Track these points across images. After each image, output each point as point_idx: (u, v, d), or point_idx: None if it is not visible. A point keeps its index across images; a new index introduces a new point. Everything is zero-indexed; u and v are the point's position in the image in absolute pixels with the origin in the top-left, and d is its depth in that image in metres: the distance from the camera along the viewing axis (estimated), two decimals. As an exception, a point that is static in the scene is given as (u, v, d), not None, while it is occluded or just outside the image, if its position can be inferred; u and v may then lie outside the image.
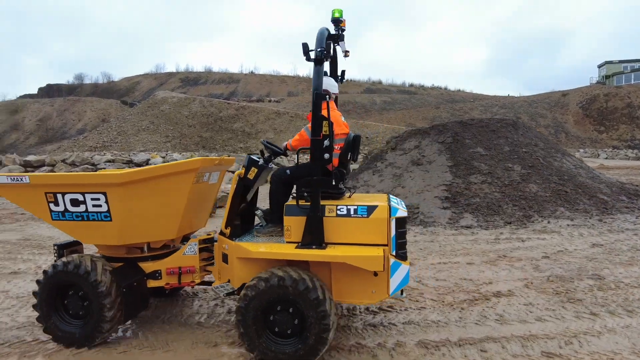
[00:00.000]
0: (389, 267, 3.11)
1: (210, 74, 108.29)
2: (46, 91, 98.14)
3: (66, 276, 3.44)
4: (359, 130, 54.00)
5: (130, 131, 52.78)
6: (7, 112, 75.27)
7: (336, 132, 3.50)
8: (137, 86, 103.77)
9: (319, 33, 3.28)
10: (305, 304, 3.00)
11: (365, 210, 3.18)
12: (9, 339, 3.65)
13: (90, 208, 3.51)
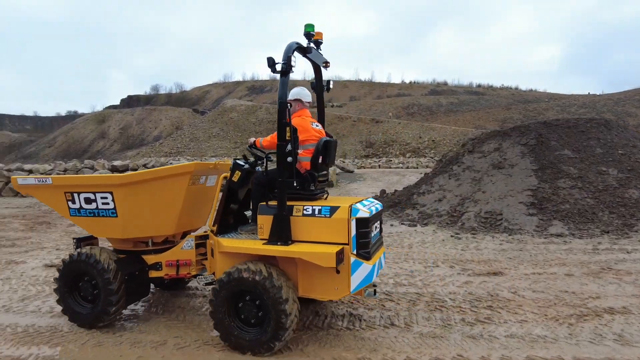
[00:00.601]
0: (349, 265, 3.25)
1: (275, 82, 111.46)
2: (127, 102, 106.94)
3: (80, 265, 3.93)
4: (424, 132, 52.65)
5: (202, 138, 55.71)
6: (95, 122, 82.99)
7: (305, 137, 3.70)
8: (207, 95, 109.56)
9: (286, 47, 3.48)
10: (266, 297, 3.25)
11: (328, 210, 3.34)
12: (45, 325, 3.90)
13: (100, 205, 3.99)
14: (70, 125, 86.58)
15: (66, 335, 3.79)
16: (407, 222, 9.39)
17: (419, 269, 5.81)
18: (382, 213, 4.05)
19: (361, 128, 55.19)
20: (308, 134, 3.75)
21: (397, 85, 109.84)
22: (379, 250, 3.87)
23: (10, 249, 7.49)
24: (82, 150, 74.81)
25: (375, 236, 3.74)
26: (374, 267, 3.47)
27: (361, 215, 3.33)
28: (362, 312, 4.25)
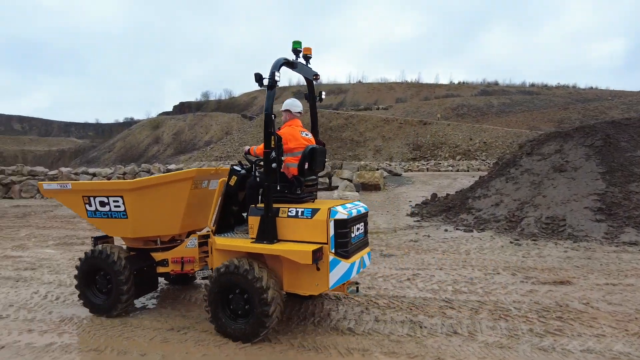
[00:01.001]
0: (328, 263, 3.48)
1: (320, 86, 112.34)
2: (179, 108, 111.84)
3: (95, 261, 4.37)
4: (475, 134, 50.88)
5: (250, 142, 57.06)
6: (150, 128, 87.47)
7: (293, 145, 3.96)
8: (255, 101, 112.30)
9: (274, 62, 3.74)
10: (251, 291, 3.54)
11: (309, 212, 3.59)
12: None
13: (113, 208, 4.42)
14: (128, 132, 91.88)
15: (135, 330, 3.98)
16: (462, 227, 9.07)
17: (479, 276, 5.58)
18: (366, 216, 4.20)
19: (408, 130, 54.24)
20: (297, 142, 4.00)
21: (445, 86, 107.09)
22: (362, 250, 4.05)
23: (81, 247, 8.01)
24: (139, 154, 79.05)
25: (358, 237, 3.92)
26: (352, 265, 3.70)
27: (339, 217, 3.57)
28: (422, 318, 4.14)
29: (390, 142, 52.45)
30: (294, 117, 4.25)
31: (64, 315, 4.41)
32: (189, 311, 4.47)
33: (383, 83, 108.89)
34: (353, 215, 3.76)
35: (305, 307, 4.49)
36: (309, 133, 4.32)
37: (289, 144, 3.94)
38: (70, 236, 9.12)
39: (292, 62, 4.00)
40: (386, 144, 52.25)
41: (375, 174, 17.98)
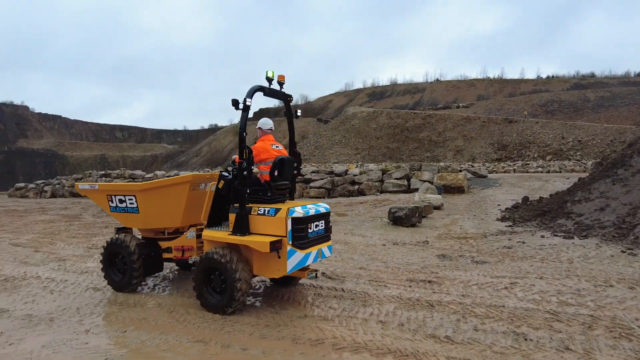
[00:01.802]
0: (286, 252, 4.24)
1: (396, 86, 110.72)
2: (259, 114, 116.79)
3: (114, 246, 5.43)
4: (568, 132, 46.58)
5: (325, 145, 57.85)
6: (233, 133, 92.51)
7: (264, 157, 4.80)
8: (330, 104, 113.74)
9: (249, 89, 4.61)
10: (226, 272, 4.35)
11: (273, 211, 4.36)
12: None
13: (128, 205, 5.44)
14: (213, 137, 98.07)
15: (235, 325, 4.19)
16: (561, 233, 8.32)
17: (587, 288, 5.07)
18: (326, 215, 4.92)
19: (492, 129, 51.20)
20: (267, 153, 4.83)
21: (532, 81, 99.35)
22: (322, 243, 4.78)
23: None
24: (223, 158, 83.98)
25: (316, 232, 4.65)
26: (308, 255, 4.47)
27: (296, 216, 4.32)
28: (527, 330, 3.84)
29: (472, 142, 49.91)
30: (266, 133, 5.13)
31: (171, 307, 4.78)
32: (283, 309, 4.61)
33: (463, 80, 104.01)
34: (310, 214, 4.53)
35: (397, 313, 4.41)
36: (280, 145, 5.13)
37: (261, 156, 4.81)
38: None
39: (264, 89, 4.85)
40: (468, 144, 49.81)
41: (458, 176, 17.21)
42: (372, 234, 8.98)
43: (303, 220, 4.37)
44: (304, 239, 4.41)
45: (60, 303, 5.04)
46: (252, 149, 4.74)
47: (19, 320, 4.54)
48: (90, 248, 8.44)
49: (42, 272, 6.56)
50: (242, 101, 4.47)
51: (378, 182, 18.54)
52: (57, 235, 10.24)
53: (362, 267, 6.31)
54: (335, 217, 11.41)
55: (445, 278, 5.65)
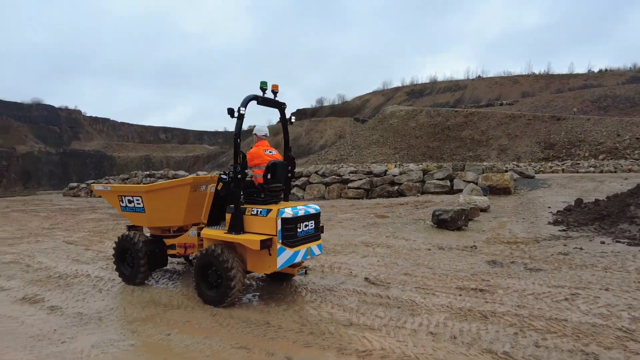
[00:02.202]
0: (276, 250, 4.52)
1: (435, 84, 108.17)
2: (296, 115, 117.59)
3: (124, 242, 5.88)
4: (624, 129, 43.68)
5: (363, 145, 57.37)
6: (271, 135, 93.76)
7: (258, 162, 5.06)
8: (367, 103, 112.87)
9: (244, 98, 4.88)
10: (221, 268, 4.64)
11: (265, 212, 4.66)
12: (322, 333, 4.03)
13: (136, 205, 5.89)
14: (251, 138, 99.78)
15: (278, 332, 4.09)
16: (624, 239, 7.68)
17: (662, 302, 4.58)
18: (316, 216, 5.17)
19: (538, 127, 48.87)
20: (260, 158, 5.09)
21: (582, 76, 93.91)
22: (311, 242, 5.04)
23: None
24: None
25: (306, 232, 4.93)
26: (297, 253, 4.77)
27: (285, 216, 4.61)
28: (597, 350, 3.49)
29: (517, 140, 47.86)
30: (261, 139, 5.37)
31: (214, 310, 4.75)
32: (327, 315, 4.46)
33: (506, 77, 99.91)
34: (299, 215, 4.80)
35: (448, 324, 4.15)
36: (274, 150, 5.36)
37: (255, 160, 5.09)
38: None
39: (258, 98, 5.07)
40: (512, 143, 47.81)
41: (504, 176, 16.46)
42: (415, 238, 8.68)
43: (292, 221, 4.70)
44: (293, 238, 4.74)
45: (109, 302, 5.14)
46: (247, 154, 5.04)
47: (71, 318, 4.65)
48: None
49: (91, 270, 6.77)
50: (237, 110, 4.76)
51: (419, 182, 18.07)
52: (105, 234, 10.63)
53: (407, 272, 6.06)
54: (375, 219, 11.16)
55: (497, 286, 5.31)
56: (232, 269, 4.61)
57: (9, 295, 5.60)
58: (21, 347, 3.93)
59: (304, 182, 20.56)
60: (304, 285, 5.55)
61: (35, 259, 7.74)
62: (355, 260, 6.89)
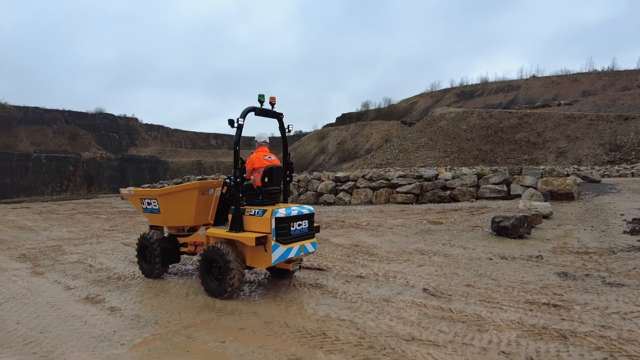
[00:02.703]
0: (270, 246, 4.99)
1: (487, 85, 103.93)
2: (341, 120, 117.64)
3: (143, 240, 6.56)
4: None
5: (411, 148, 56.18)
6: (317, 139, 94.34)
7: (257, 166, 5.45)
8: (414, 106, 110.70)
9: (243, 110, 5.41)
10: (222, 263, 5.14)
11: (261, 212, 5.13)
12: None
13: (153, 207, 6.55)
14: (298, 143, 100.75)
15: (335, 344, 3.89)
16: None
17: None
18: (310, 216, 5.58)
19: (602, 127, 45.50)
20: (260, 163, 5.49)
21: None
22: (305, 240, 5.44)
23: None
24: (307, 163, 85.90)
25: (299, 230, 5.35)
26: (290, 249, 5.17)
27: (279, 216, 5.03)
28: None
29: (577, 142, 44.81)
30: (261, 145, 5.84)
31: (268, 316, 4.64)
32: (386, 327, 4.21)
33: (564, 75, 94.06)
34: (292, 214, 5.22)
35: (521, 343, 3.77)
36: (273, 156, 5.77)
37: (254, 165, 5.50)
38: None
39: (256, 109, 5.59)
40: (572, 145, 44.84)
41: (567, 181, 15.35)
42: (474, 246, 8.19)
43: (285, 220, 5.13)
44: (286, 236, 5.16)
45: (164, 306, 5.18)
46: (247, 159, 5.58)
47: (129, 320, 4.72)
48: (190, 250, 8.80)
49: (148, 272, 6.92)
50: (236, 120, 5.26)
51: (473, 187, 17.29)
52: (161, 237, 10.95)
53: (469, 284, 5.66)
54: (428, 225, 10.71)
55: (573, 302, 4.81)
56: (232, 263, 5.13)
57: (74, 294, 5.82)
58: (84, 347, 4.01)
59: (351, 186, 20.33)
60: (358, 294, 5.32)
61: (97, 260, 8.07)
62: (411, 269, 6.57)
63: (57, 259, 8.34)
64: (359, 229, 10.62)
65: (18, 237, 11.59)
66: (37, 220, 16.35)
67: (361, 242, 8.90)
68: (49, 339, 4.26)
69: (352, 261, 7.17)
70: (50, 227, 13.78)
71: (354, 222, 11.81)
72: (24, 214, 19.47)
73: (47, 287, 6.28)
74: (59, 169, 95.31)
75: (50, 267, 7.59)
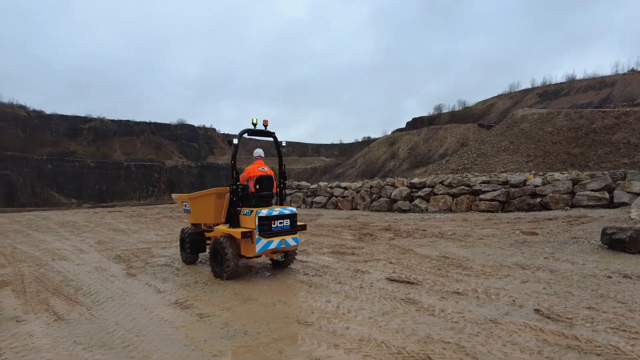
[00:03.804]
0: (255, 239, 6.43)
1: (574, 83, 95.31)
2: (412, 124, 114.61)
3: (182, 234, 8.32)
4: None
5: (490, 153, 52.97)
6: (387, 145, 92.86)
7: (251, 175, 7.09)
8: (492, 108, 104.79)
9: (239, 132, 7.03)
10: (222, 252, 6.69)
11: (249, 212, 6.64)
12: None
13: (187, 208, 8.37)
14: (367, 149, 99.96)
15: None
16: None
17: None
18: (292, 216, 6.83)
19: None
20: (254, 173, 7.04)
21: None
22: (286, 235, 6.71)
23: (352, 256, 8.35)
24: (377, 169, 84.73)
25: (280, 227, 6.65)
26: (271, 242, 6.51)
27: (261, 215, 6.44)
28: None
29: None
30: (256, 158, 7.37)
31: (361, 333, 4.29)
32: (505, 355, 3.65)
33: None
34: (273, 214, 6.53)
35: None
36: (266, 167, 7.26)
37: (250, 174, 7.07)
38: (339, 245, 9.75)
39: (250, 131, 7.11)
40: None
41: (689, 187, 13.25)
42: (583, 261, 7.19)
43: (266, 219, 6.47)
44: (268, 231, 6.48)
45: (252, 315, 5.05)
46: (245, 170, 7.18)
47: (218, 328, 4.64)
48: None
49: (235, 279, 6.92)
50: (235, 140, 6.85)
51: (567, 194, 15.65)
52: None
53: (590, 306, 4.86)
54: (523, 236, 9.71)
55: None
56: (228, 253, 6.55)
57: (164, 298, 5.93)
58: (178, 356, 3.95)
59: (427, 192, 19.41)
60: (459, 313, 4.77)
61: (182, 263, 8.29)
62: (515, 285, 5.84)
63: (147, 261, 8.71)
64: (444, 238, 9.92)
65: (113, 239, 12.45)
66: (128, 223, 17.59)
67: (450, 253, 8.24)
68: (145, 343, 4.28)
69: (444, 275, 6.59)
70: (139, 230, 14.69)
71: (436, 231, 11.10)
72: (117, 217, 21.12)
73: (139, 288, 6.50)
74: (145, 176, 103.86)
75: (141, 269, 7.92)
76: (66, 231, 15.14)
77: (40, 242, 12.24)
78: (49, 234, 14.37)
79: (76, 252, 10.30)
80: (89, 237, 13.05)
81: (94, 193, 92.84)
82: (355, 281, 6.41)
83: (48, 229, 16.26)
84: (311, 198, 24.51)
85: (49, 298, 6.13)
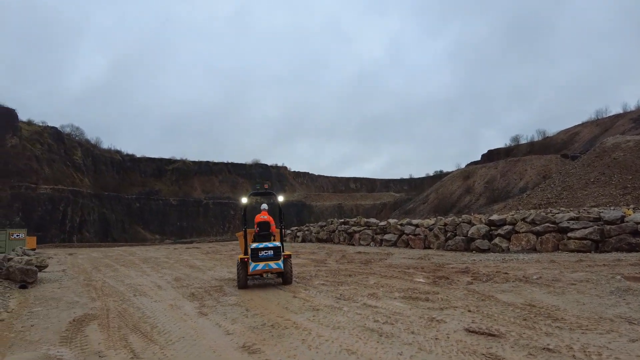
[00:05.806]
0: (249, 262, 9.94)
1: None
2: (487, 156, 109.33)
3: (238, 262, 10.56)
4: None
5: (577, 185, 48.66)
6: (461, 179, 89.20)
7: (255, 221, 10.56)
8: (576, 137, 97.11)
9: (248, 194, 11.27)
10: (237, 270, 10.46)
11: (252, 245, 10.06)
12: None
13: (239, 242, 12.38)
14: (440, 184, 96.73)
15: None
16: None
17: None
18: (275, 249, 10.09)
19: None
20: (257, 220, 10.58)
21: None
22: (270, 260, 9.96)
23: (426, 302, 7.81)
24: (451, 204, 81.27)
25: (266, 255, 9.94)
26: (257, 265, 9.87)
27: (252, 247, 9.96)
28: None
29: None
30: (261, 210, 10.80)
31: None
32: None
33: None
34: (260, 247, 9.95)
35: None
36: (266, 215, 10.68)
37: (255, 221, 10.55)
38: (412, 289, 9.21)
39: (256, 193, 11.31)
40: None
41: None
42: None
43: (256, 250, 9.88)
44: (256, 258, 9.85)
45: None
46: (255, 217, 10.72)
47: (283, 377, 4.45)
48: (338, 299, 8.49)
49: (300, 321, 6.77)
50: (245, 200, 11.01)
51: (679, 232, 13.60)
52: (309, 281, 10.98)
53: None
54: (626, 282, 8.47)
55: None
56: (239, 271, 10.06)
57: (232, 340, 5.91)
58: (241, 407, 3.82)
59: (508, 230, 17.98)
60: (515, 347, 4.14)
61: (253, 302, 8.32)
62: (621, 344, 5.00)
63: (219, 299, 8.88)
64: (529, 283, 8.98)
65: (189, 276, 12.99)
66: (204, 260, 18.37)
67: (536, 301, 7.39)
68: (210, 389, 4.22)
69: (531, 326, 5.86)
70: (214, 267, 15.22)
71: (520, 274, 10.12)
72: (195, 253, 22.20)
73: (209, 329, 6.57)
74: (222, 213, 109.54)
75: (213, 308, 8.07)
76: (148, 267, 16.15)
77: (125, 277, 13.12)
78: (133, 269, 15.41)
79: (155, 288, 10.85)
80: (167, 274, 13.77)
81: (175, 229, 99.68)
82: (430, 331, 5.92)
83: (133, 264, 17.49)
84: (380, 236, 23.90)
85: (128, 334, 6.41)
